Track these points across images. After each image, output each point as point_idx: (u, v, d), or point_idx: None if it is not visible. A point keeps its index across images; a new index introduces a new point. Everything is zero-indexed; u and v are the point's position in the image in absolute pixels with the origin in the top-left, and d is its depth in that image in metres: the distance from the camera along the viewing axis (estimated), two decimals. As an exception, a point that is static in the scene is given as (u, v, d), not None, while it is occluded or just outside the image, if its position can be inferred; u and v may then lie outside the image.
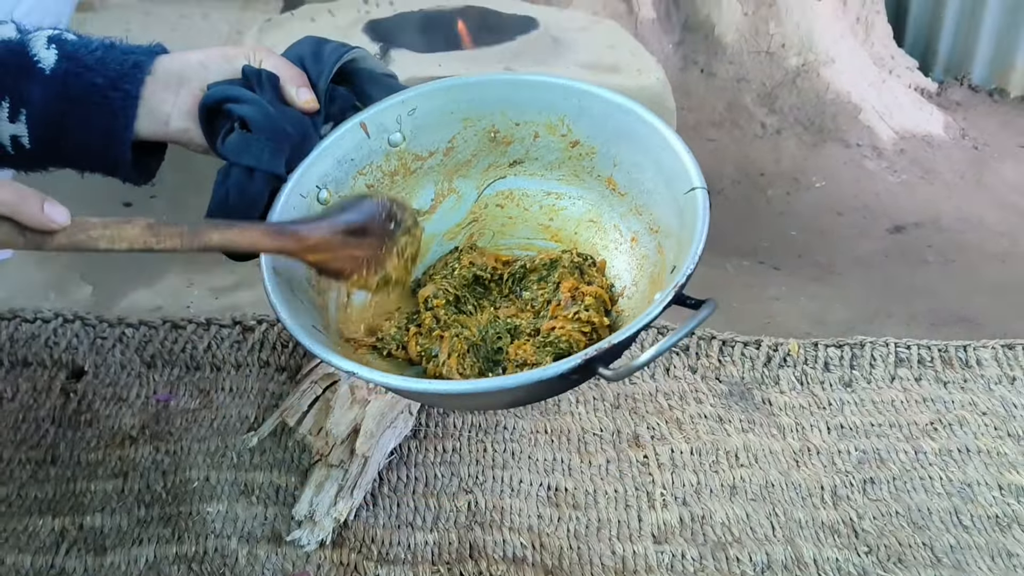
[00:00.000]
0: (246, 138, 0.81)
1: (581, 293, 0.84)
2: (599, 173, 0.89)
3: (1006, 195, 2.03)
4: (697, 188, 0.79)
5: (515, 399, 0.78)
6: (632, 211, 0.87)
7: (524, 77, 0.92)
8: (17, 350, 1.35)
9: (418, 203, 0.93)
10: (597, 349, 0.69)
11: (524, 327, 0.85)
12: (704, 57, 2.34)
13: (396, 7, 1.75)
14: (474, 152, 0.92)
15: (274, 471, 1.18)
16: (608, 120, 0.87)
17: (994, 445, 1.26)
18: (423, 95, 0.89)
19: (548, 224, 0.93)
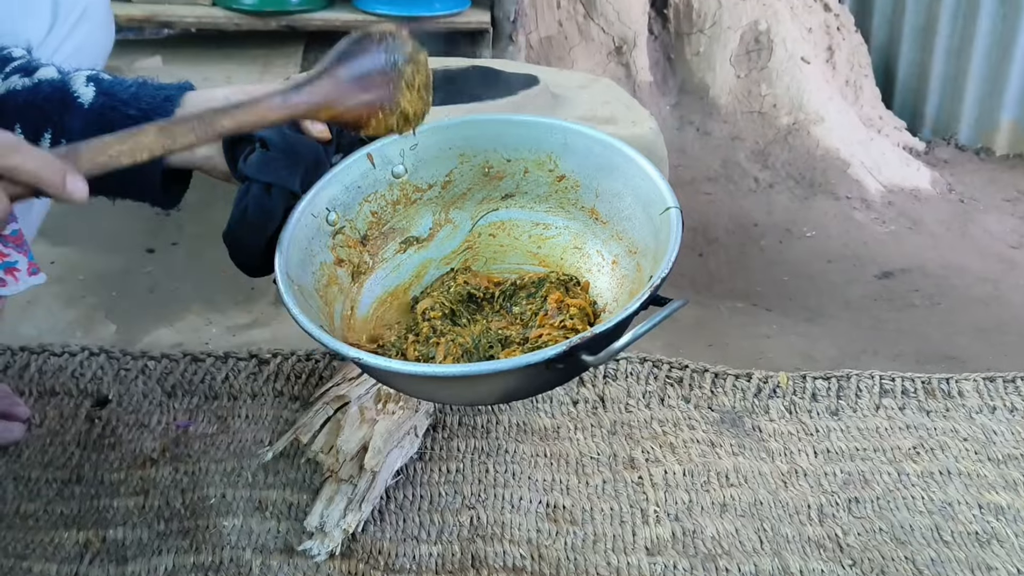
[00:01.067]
0: (266, 157, 0.90)
1: (566, 305, 0.93)
2: (583, 204, 0.99)
3: (990, 244, 2.11)
4: (671, 208, 0.88)
5: (506, 388, 0.84)
6: (613, 237, 0.97)
7: (515, 117, 1.02)
8: (45, 381, 1.43)
9: (417, 231, 1.02)
10: (581, 338, 0.76)
11: (514, 337, 0.93)
12: (700, 117, 2.46)
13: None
14: (469, 186, 1.02)
15: (287, 489, 1.24)
16: (590, 155, 0.97)
17: (974, 468, 1.31)
18: (424, 132, 0.98)
19: (536, 251, 1.02)
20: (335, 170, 0.96)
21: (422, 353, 0.93)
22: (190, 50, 2.38)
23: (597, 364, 0.76)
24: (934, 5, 2.69)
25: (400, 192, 1.00)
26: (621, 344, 0.75)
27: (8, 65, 0.95)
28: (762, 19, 2.49)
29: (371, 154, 0.98)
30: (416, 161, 1.00)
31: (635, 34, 2.49)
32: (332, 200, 0.95)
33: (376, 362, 0.79)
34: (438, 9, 2.32)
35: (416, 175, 1.01)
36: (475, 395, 0.93)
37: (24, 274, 1.11)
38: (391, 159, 0.99)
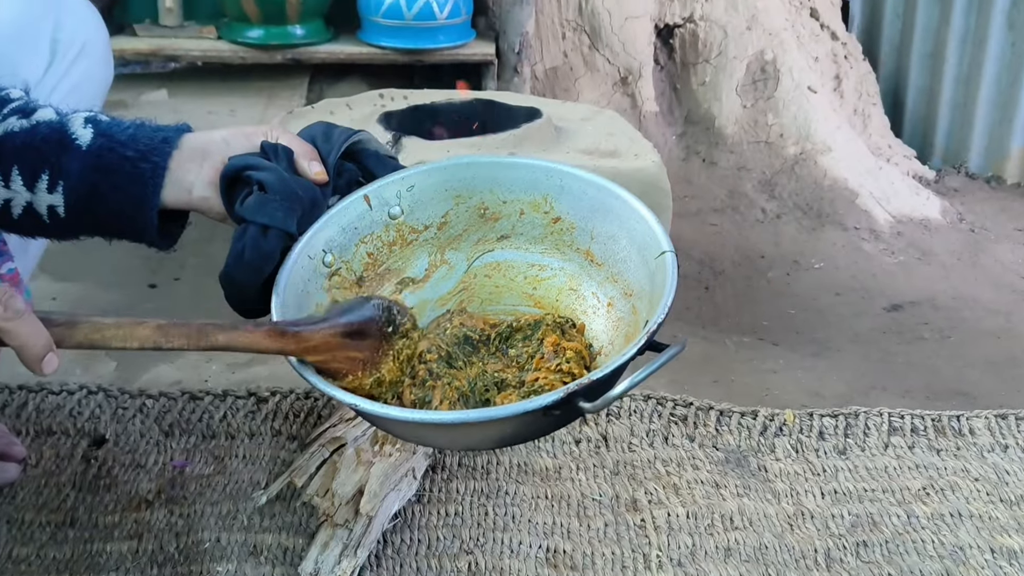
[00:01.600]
0: (263, 199, 0.89)
1: (563, 348, 0.92)
2: (578, 246, 0.98)
3: (1001, 275, 2.08)
4: (666, 252, 0.87)
5: (503, 434, 0.83)
6: (608, 279, 0.96)
7: (510, 160, 1.02)
8: (43, 420, 1.42)
9: (412, 272, 1.01)
10: (578, 384, 0.75)
11: (510, 380, 0.92)
12: (706, 147, 2.44)
13: (409, 100, 1.86)
14: (465, 227, 1.01)
15: (282, 533, 1.22)
16: (584, 197, 0.96)
17: (986, 510, 1.28)
18: (421, 173, 0.99)
19: (532, 293, 1.01)
20: (332, 212, 0.95)
21: (418, 397, 0.92)
22: (196, 83, 2.39)
23: (594, 411, 0.75)
24: (942, 32, 2.68)
25: (396, 233, 0.99)
26: (619, 391, 0.74)
27: (6, 107, 0.95)
28: (768, 49, 2.48)
29: (368, 196, 0.97)
30: (412, 202, 0.99)
31: (640, 64, 2.48)
32: (329, 242, 0.94)
33: (373, 409, 0.78)
34: (442, 41, 2.33)
35: (412, 216, 1.00)
36: (472, 441, 0.93)
37: None
38: (388, 200, 0.98)
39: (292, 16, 2.30)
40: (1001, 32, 2.57)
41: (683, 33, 2.53)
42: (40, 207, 0.92)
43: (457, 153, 1.60)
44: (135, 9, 2.40)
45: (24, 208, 0.92)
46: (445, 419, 0.81)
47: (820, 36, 2.64)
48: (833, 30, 2.67)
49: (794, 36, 2.54)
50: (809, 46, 2.59)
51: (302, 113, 1.84)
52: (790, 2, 2.61)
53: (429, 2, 2.29)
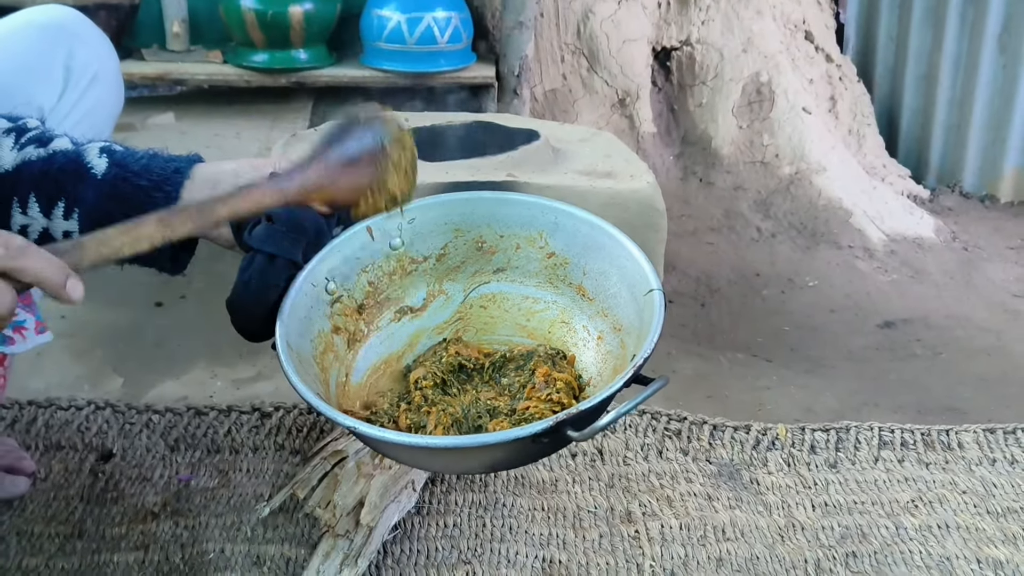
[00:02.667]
0: (270, 229, 0.93)
1: (553, 378, 0.96)
2: (571, 281, 1.02)
3: (993, 294, 2.11)
4: (654, 290, 0.91)
5: (494, 459, 0.86)
6: (599, 313, 1.00)
7: (508, 196, 1.06)
8: (52, 435, 1.45)
9: (411, 300, 1.05)
10: (567, 414, 0.79)
11: (502, 408, 0.96)
12: (702, 168, 2.48)
13: (410, 123, 1.90)
14: (463, 259, 1.05)
15: (285, 544, 1.25)
16: (578, 234, 1.01)
17: (973, 521, 1.31)
18: (422, 207, 1.03)
19: (525, 324, 1.05)
20: (335, 242, 0.99)
21: (414, 421, 0.95)
22: (202, 106, 2.44)
23: (581, 440, 0.78)
24: (935, 54, 2.72)
25: (396, 263, 1.03)
26: (604, 422, 0.77)
27: (24, 135, 0.98)
28: (763, 71, 2.52)
29: (370, 227, 1.01)
30: (413, 234, 1.03)
31: (638, 86, 2.53)
32: (332, 271, 0.98)
33: (370, 432, 0.81)
34: (443, 65, 2.37)
35: (412, 247, 1.04)
36: (465, 465, 0.96)
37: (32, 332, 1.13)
38: (389, 232, 1.02)
39: (296, 41, 2.34)
40: (992, 55, 2.62)
41: (680, 56, 2.57)
42: (56, 232, 0.96)
43: (455, 174, 1.64)
44: (143, 34, 2.45)
45: (40, 233, 0.96)
46: (441, 444, 0.85)
47: (815, 58, 2.69)
48: (828, 52, 2.71)
49: (789, 58, 2.59)
50: (804, 68, 2.63)
51: (305, 136, 1.88)
52: (785, 25, 2.66)
53: (430, 27, 2.34)
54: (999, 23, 2.59)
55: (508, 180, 1.63)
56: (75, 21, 1.26)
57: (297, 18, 2.30)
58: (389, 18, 2.34)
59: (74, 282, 0.78)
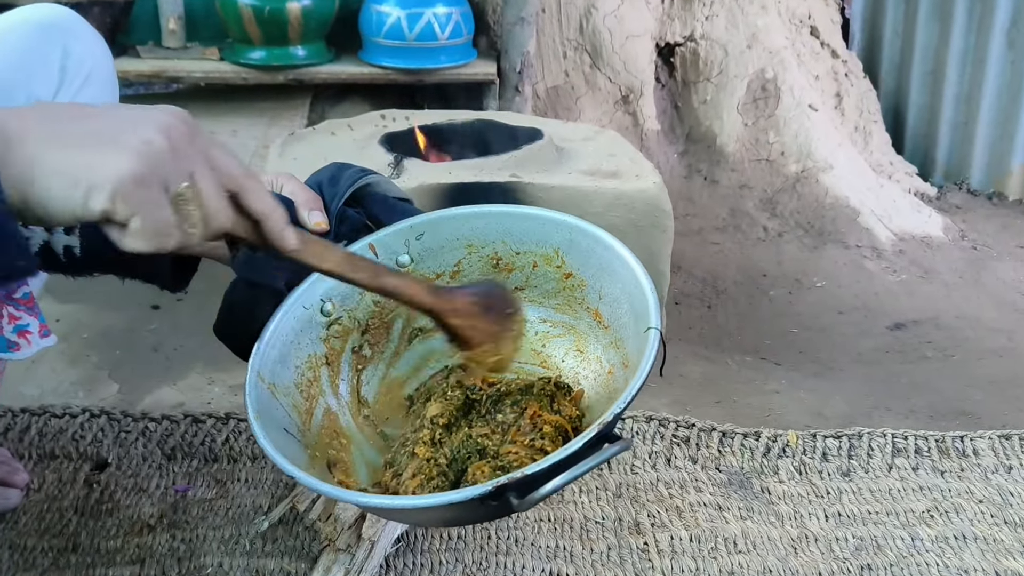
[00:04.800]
0: (251, 256, 0.89)
1: (542, 421, 0.89)
2: (588, 305, 0.96)
3: (1004, 293, 2.08)
4: (652, 328, 0.82)
5: (444, 517, 0.84)
6: (612, 344, 0.93)
7: (521, 210, 1.00)
8: (46, 444, 1.42)
9: (422, 322, 1.00)
10: (509, 479, 0.71)
11: (490, 448, 0.90)
12: (707, 166, 2.45)
13: (411, 121, 1.87)
14: (479, 276, 0.99)
15: (285, 558, 1.21)
16: (593, 255, 0.94)
17: (990, 532, 1.28)
18: (430, 222, 0.98)
19: (540, 350, 0.99)
20: None
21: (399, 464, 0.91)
22: (199, 104, 2.40)
23: (520, 510, 0.72)
24: (942, 50, 2.69)
25: None
26: (547, 491, 0.71)
27: None
28: (769, 67, 2.49)
29: (373, 244, 0.96)
30: (422, 250, 0.98)
31: (642, 83, 2.49)
32: (328, 292, 0.94)
33: (308, 481, 0.77)
34: (444, 61, 2.34)
35: (423, 264, 0.99)
36: (418, 521, 0.97)
37: (36, 336, 1.11)
38: (395, 249, 0.97)
39: (294, 37, 2.31)
40: (1001, 51, 2.58)
41: (684, 52, 2.54)
42: (57, 246, 0.94)
43: (458, 175, 1.60)
44: (138, 31, 2.42)
45: (41, 247, 0.94)
46: (375, 504, 0.80)
47: (820, 54, 2.65)
48: (833, 48, 2.68)
49: (794, 54, 2.55)
50: (810, 64, 2.60)
51: (303, 135, 1.84)
52: (790, 21, 2.62)
53: (431, 22, 2.30)
54: (1007, 18, 2.56)
55: (512, 180, 1.59)
56: (69, 19, 1.24)
57: (295, 14, 2.27)
58: (389, 13, 2.31)
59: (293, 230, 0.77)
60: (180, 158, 0.68)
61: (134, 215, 0.66)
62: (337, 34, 2.44)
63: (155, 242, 0.68)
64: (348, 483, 0.88)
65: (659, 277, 1.66)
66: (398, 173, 1.60)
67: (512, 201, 1.59)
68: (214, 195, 0.70)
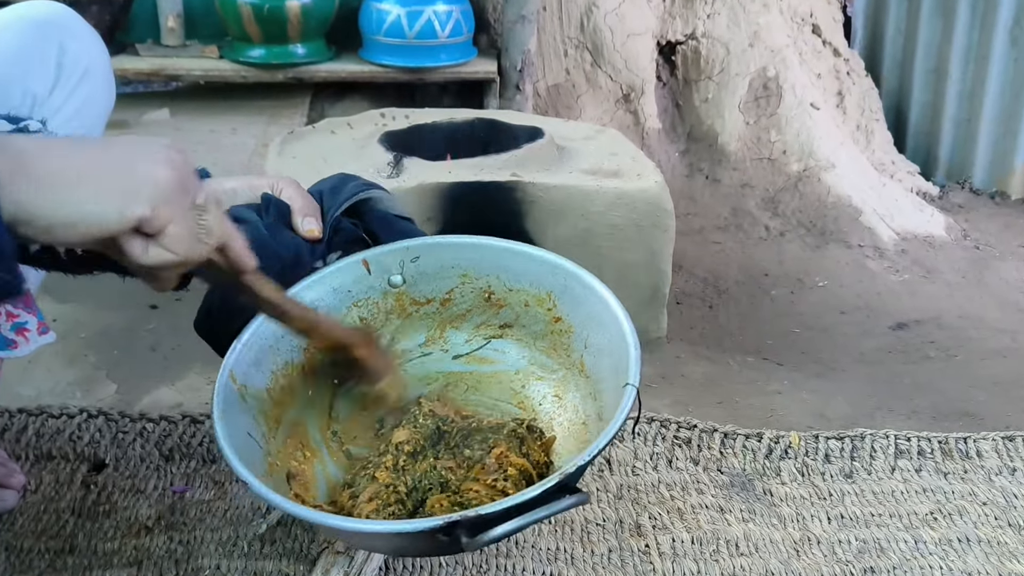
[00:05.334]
0: None
1: (508, 462, 0.88)
2: (572, 352, 0.96)
3: (1007, 294, 2.07)
4: (629, 384, 0.82)
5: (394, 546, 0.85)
6: (591, 395, 0.93)
7: (519, 247, 0.99)
8: (42, 444, 1.40)
9: (407, 344, 1.00)
10: (462, 516, 0.71)
11: (452, 482, 0.89)
12: (708, 164, 2.44)
13: (411, 120, 1.86)
14: (469, 307, 0.99)
15: (283, 560, 1.20)
16: (584, 302, 0.94)
17: (994, 535, 1.27)
18: (427, 246, 0.98)
19: (519, 391, 0.99)
20: (324, 272, 0.94)
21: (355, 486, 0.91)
22: (198, 102, 2.39)
23: (471, 549, 0.72)
24: (944, 48, 2.68)
25: (395, 302, 0.99)
26: (497, 534, 0.70)
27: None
28: (770, 65, 2.47)
29: (367, 260, 0.96)
30: (416, 274, 0.98)
31: (643, 81, 2.48)
32: (315, 301, 0.93)
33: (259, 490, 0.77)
34: (444, 59, 2.33)
35: (415, 288, 0.99)
36: (369, 546, 0.94)
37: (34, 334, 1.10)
38: (389, 268, 0.97)
39: (293, 35, 2.30)
40: (1004, 48, 2.57)
41: (685, 50, 2.52)
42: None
43: (458, 174, 1.59)
44: (137, 29, 2.41)
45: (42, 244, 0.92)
46: (325, 522, 0.80)
47: (822, 52, 2.64)
48: (835, 46, 2.67)
49: (796, 53, 2.54)
50: (811, 62, 2.58)
51: (302, 134, 1.83)
52: (792, 19, 2.61)
53: (431, 20, 2.29)
54: (1011, 15, 2.55)
55: (513, 180, 1.58)
56: (66, 16, 1.23)
57: (294, 12, 2.26)
58: (388, 11, 2.30)
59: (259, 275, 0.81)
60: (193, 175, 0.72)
61: (172, 221, 0.67)
62: (337, 32, 2.43)
63: (188, 250, 0.70)
64: (305, 497, 0.88)
65: (660, 276, 1.66)
66: (398, 172, 1.59)
67: (513, 200, 1.58)
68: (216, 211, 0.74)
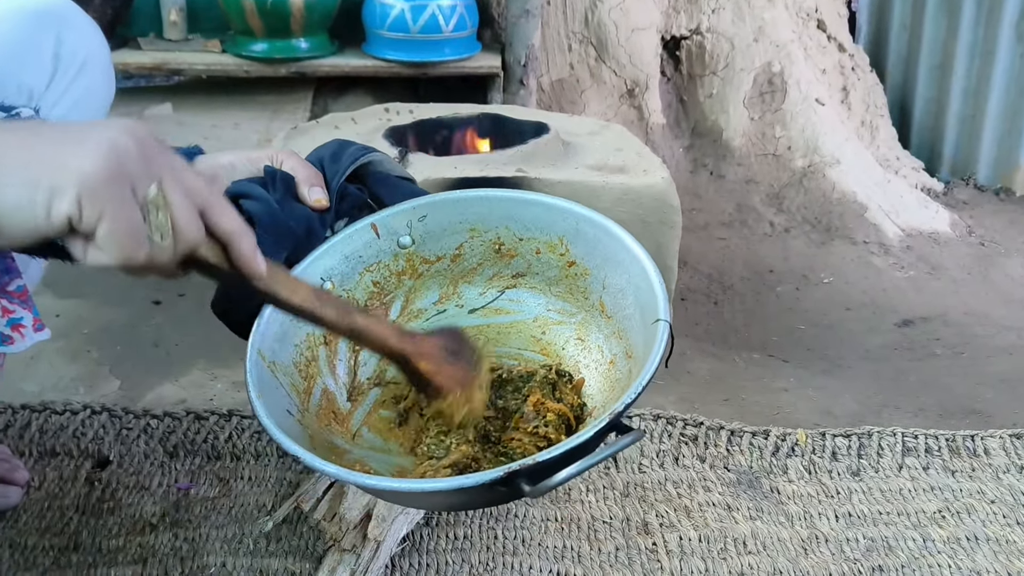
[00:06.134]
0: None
1: (545, 408, 0.88)
2: (590, 294, 0.94)
3: (1013, 290, 2.06)
4: (660, 320, 0.80)
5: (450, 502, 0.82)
6: (615, 334, 0.91)
7: (527, 196, 0.98)
8: (46, 441, 1.40)
9: (421, 303, 0.98)
10: (521, 465, 0.70)
11: (492, 434, 0.89)
12: (713, 160, 2.43)
13: (415, 115, 1.85)
14: (480, 261, 0.98)
15: (289, 558, 1.20)
16: (599, 244, 0.92)
17: (1003, 533, 1.26)
18: (433, 204, 0.96)
19: (540, 337, 0.98)
20: (334, 240, 0.93)
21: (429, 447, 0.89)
22: (200, 97, 2.38)
23: (533, 496, 0.71)
24: (950, 44, 2.66)
25: (407, 263, 0.97)
26: (558, 479, 0.70)
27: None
28: (775, 61, 2.46)
29: (375, 224, 0.95)
30: (424, 233, 0.97)
31: (647, 76, 2.47)
32: (328, 270, 0.92)
33: (321, 466, 0.74)
34: (448, 54, 2.32)
35: (424, 247, 0.97)
36: (421, 504, 0.95)
37: (30, 330, 1.09)
38: (397, 230, 0.96)
39: (296, 29, 2.29)
40: (1009, 43, 2.56)
41: (690, 45, 2.51)
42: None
43: (463, 169, 1.58)
44: (139, 23, 2.40)
45: None
46: (386, 486, 0.78)
47: (827, 48, 2.63)
48: (840, 42, 2.66)
49: (801, 48, 2.53)
50: (816, 58, 2.57)
51: (305, 129, 1.82)
52: (797, 14, 2.60)
53: (435, 15, 2.28)
54: (1016, 10, 2.53)
55: (518, 175, 1.57)
56: (64, 7, 1.21)
57: (298, 6, 2.24)
58: (392, 6, 2.28)
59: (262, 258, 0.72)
60: (148, 161, 0.62)
61: (101, 218, 0.60)
62: (340, 26, 2.42)
63: (124, 252, 0.61)
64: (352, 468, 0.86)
65: (666, 272, 1.65)
66: (404, 167, 1.58)
67: (518, 196, 1.57)
68: (184, 204, 0.64)
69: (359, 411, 0.94)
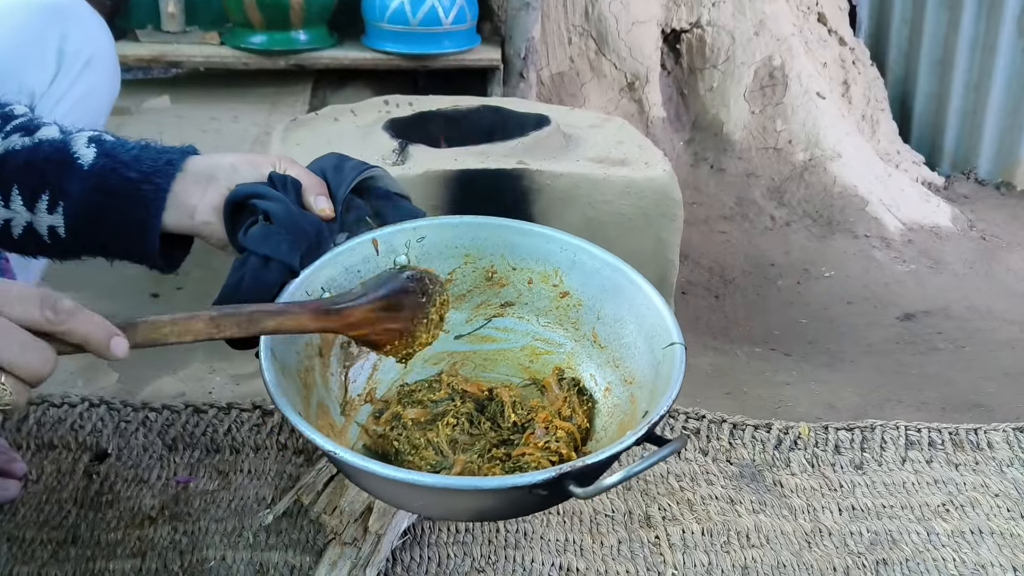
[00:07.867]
0: (268, 230, 0.87)
1: (554, 426, 0.89)
2: (582, 324, 0.96)
3: (1014, 284, 2.06)
4: (676, 344, 0.84)
5: (484, 506, 0.80)
6: (609, 363, 0.94)
7: (528, 226, 0.99)
8: (44, 434, 1.39)
9: None
10: (571, 466, 0.71)
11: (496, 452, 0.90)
12: (714, 154, 2.42)
13: (415, 107, 1.84)
14: (470, 287, 0.99)
15: (289, 551, 1.19)
16: (597, 275, 0.95)
17: (1007, 526, 1.26)
18: (433, 226, 0.97)
19: (528, 365, 0.99)
20: (337, 250, 0.92)
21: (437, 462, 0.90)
22: (199, 89, 2.37)
23: (584, 497, 0.71)
24: (951, 38, 2.66)
25: None
26: (613, 481, 0.70)
27: (9, 123, 0.93)
28: (776, 54, 2.45)
29: (377, 240, 0.95)
30: (420, 254, 0.97)
31: (648, 70, 2.46)
32: (330, 280, 0.91)
33: (350, 459, 0.74)
34: (447, 47, 2.30)
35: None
36: (450, 509, 0.89)
37: None
38: (396, 248, 0.96)
39: (296, 21, 2.27)
40: (1011, 38, 2.55)
41: (690, 38, 2.50)
42: (41, 227, 0.90)
43: (464, 162, 1.57)
44: (137, 15, 2.38)
45: (25, 228, 0.90)
46: (426, 482, 0.76)
47: (828, 41, 2.62)
48: (841, 35, 2.65)
49: (802, 41, 2.52)
50: (817, 51, 2.56)
51: (305, 121, 1.81)
52: (798, 7, 2.59)
53: (434, 7, 2.27)
54: (1018, 4, 2.53)
55: (519, 167, 1.56)
56: (70, 2, 1.20)
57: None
58: (392, -2, 2.27)
59: (118, 340, 0.74)
60: None
61: None
62: (339, 18, 2.40)
63: None
64: None
65: (668, 266, 1.64)
66: (403, 159, 1.57)
67: (520, 188, 1.56)
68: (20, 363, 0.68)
69: (353, 428, 0.94)
